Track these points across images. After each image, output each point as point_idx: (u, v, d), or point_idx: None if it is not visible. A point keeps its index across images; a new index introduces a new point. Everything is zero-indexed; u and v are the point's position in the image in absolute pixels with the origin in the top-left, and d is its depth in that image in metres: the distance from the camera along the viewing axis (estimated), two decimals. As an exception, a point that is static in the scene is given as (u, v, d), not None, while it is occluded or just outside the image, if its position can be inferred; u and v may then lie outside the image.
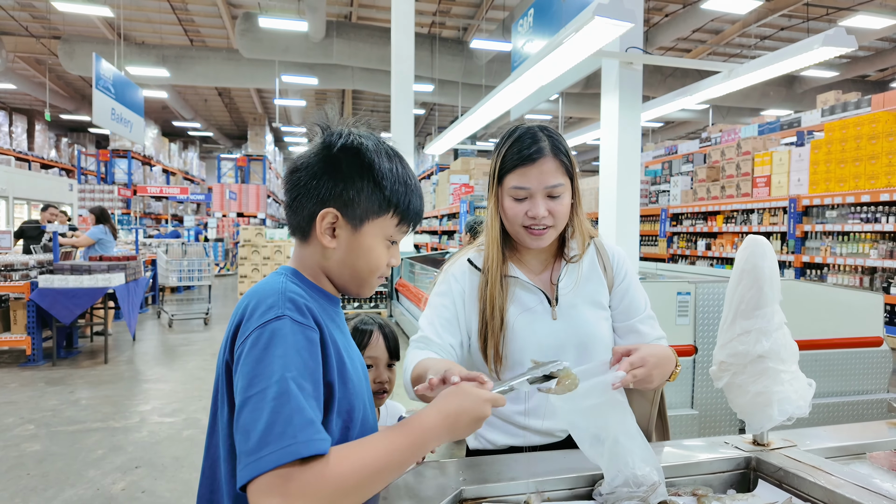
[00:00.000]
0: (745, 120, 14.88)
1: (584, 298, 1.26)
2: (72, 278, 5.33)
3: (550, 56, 3.97)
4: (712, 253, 6.93)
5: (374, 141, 0.89)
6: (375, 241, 0.89)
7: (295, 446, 0.67)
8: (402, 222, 0.91)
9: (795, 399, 1.11)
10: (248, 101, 18.98)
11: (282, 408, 0.69)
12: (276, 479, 0.66)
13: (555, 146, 1.19)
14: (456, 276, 1.30)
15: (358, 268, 0.90)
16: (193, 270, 8.23)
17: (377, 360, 1.41)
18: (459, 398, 0.83)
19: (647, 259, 7.82)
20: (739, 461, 1.14)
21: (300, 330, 0.77)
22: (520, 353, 1.22)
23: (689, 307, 3.31)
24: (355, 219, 0.87)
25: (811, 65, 4.25)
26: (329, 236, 0.87)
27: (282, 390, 0.70)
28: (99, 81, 7.54)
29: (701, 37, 12.79)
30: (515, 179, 1.19)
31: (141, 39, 13.26)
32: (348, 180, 0.86)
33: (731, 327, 1.17)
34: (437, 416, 0.81)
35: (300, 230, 0.90)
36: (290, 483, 0.66)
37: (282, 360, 0.73)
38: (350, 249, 0.88)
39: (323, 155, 0.87)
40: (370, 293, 0.95)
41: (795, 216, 5.56)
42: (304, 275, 0.90)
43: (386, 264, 0.92)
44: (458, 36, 12.97)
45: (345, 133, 0.88)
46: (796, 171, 5.67)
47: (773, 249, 1.19)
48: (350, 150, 0.87)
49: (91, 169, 16.88)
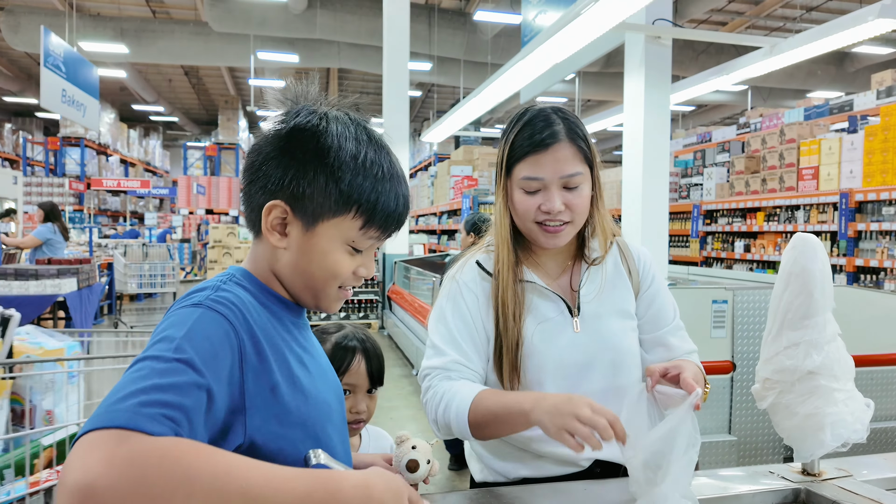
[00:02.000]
0: (788, 103, 14.89)
1: (609, 307, 1.26)
2: (16, 284, 5.33)
3: (566, 29, 3.98)
4: (752, 255, 6.94)
5: (344, 123, 0.85)
6: (332, 244, 0.84)
7: (136, 417, 0.62)
8: (368, 226, 0.85)
9: (851, 422, 1.11)
10: (218, 81, 19.01)
11: (143, 380, 0.66)
12: (109, 438, 0.61)
13: (571, 130, 1.19)
14: (468, 283, 1.28)
15: (311, 275, 0.86)
16: (156, 276, 8.24)
17: (356, 387, 1.37)
18: (385, 481, 0.74)
19: (676, 262, 7.82)
20: (787, 493, 1.13)
21: (214, 319, 0.75)
22: (538, 370, 1.21)
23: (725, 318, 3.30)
24: (307, 216, 0.83)
25: (865, 39, 4.27)
26: (278, 234, 0.84)
27: (155, 367, 0.67)
28: (48, 59, 7.55)
29: (738, 7, 12.82)
30: (527, 169, 1.18)
31: (96, 11, 13.27)
32: (300, 169, 0.82)
33: (777, 339, 1.17)
34: (355, 482, 0.71)
35: (251, 223, 0.87)
36: (122, 446, 0.60)
37: (173, 341, 0.70)
38: (302, 252, 0.84)
39: (276, 135, 0.84)
40: (332, 307, 0.90)
41: (847, 213, 5.56)
42: (255, 276, 0.87)
43: (351, 273, 0.87)
44: (459, 7, 12.99)
45: (306, 111, 0.85)
46: (848, 162, 5.67)
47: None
48: (304, 131, 0.83)
49: (38, 159, 16.91)
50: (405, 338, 6.54)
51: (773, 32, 13.91)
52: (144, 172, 19.94)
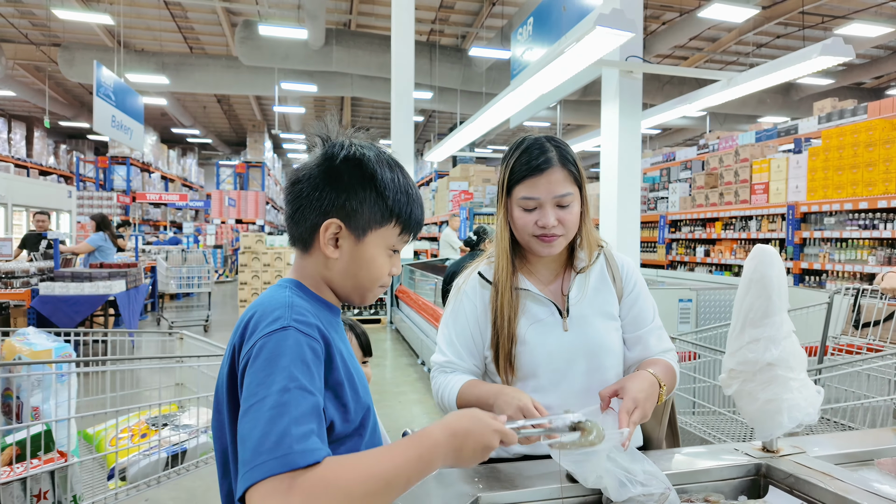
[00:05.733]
0: (742, 127, 14.97)
1: (595, 309, 1.27)
2: (73, 285, 5.33)
3: (551, 65, 4.01)
4: (711, 259, 6.96)
5: (376, 151, 0.90)
6: (378, 250, 0.90)
7: (291, 456, 0.67)
8: (403, 231, 0.92)
9: (805, 406, 1.13)
10: (247, 108, 19.02)
11: (279, 418, 0.69)
12: (278, 488, 0.65)
13: (563, 156, 1.21)
14: (468, 293, 1.31)
15: (360, 278, 0.90)
16: (193, 277, 8.22)
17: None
18: (469, 421, 0.83)
19: (646, 265, 7.84)
20: (750, 468, 1.15)
21: (305, 341, 0.77)
22: (531, 364, 1.23)
23: (690, 314, 3.33)
24: (358, 229, 0.88)
25: (809, 73, 4.30)
26: (332, 247, 0.88)
27: (281, 400, 0.70)
28: (100, 89, 7.56)
29: (698, 44, 12.89)
30: (525, 190, 1.20)
31: (140, 47, 13.29)
32: (351, 191, 0.87)
33: (741, 336, 1.18)
34: (445, 433, 0.81)
35: (302, 241, 0.90)
36: (293, 491, 0.65)
37: (284, 370, 0.73)
38: (353, 259, 0.89)
39: (325, 166, 0.88)
40: (372, 301, 0.96)
41: (794, 223, 5.59)
42: (306, 286, 0.90)
43: (388, 273, 0.93)
44: (456, 44, 13.04)
45: (346, 144, 0.89)
46: (794, 178, 5.71)
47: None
48: (352, 160, 0.87)
49: (90, 176, 16.87)
50: (411, 332, 6.54)
51: (727, 66, 13.98)
52: (182, 187, 19.90)
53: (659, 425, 1.31)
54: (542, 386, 1.23)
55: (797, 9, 10.18)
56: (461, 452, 0.81)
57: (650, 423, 1.32)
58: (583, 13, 4.50)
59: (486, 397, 1.14)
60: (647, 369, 1.17)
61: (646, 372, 1.16)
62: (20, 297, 5.31)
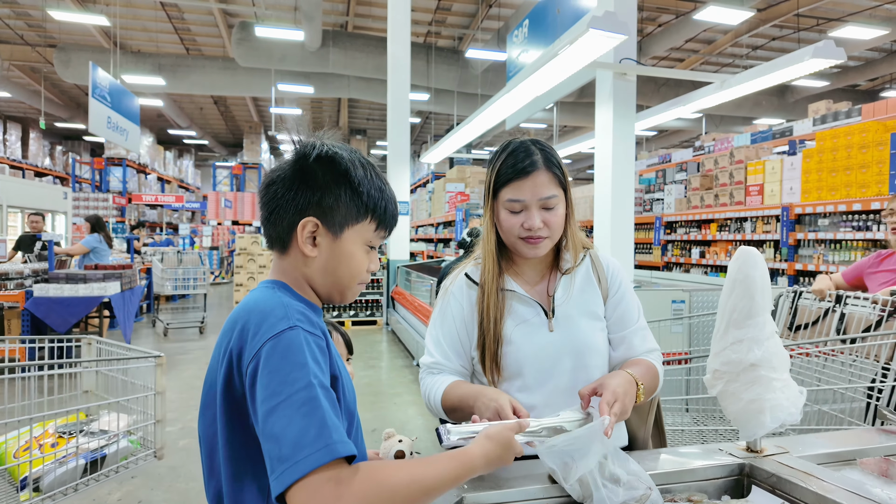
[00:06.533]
0: (737, 129, 15.02)
1: (580, 310, 1.27)
2: (67, 287, 5.32)
3: (546, 67, 4.01)
4: (706, 261, 6.98)
5: (348, 150, 0.92)
6: (355, 247, 0.91)
7: (333, 446, 0.69)
8: (379, 227, 0.93)
9: (787, 406, 1.13)
10: (243, 109, 19.01)
11: (314, 412, 0.71)
12: (327, 483, 0.67)
13: (548, 159, 1.22)
14: (455, 294, 1.32)
15: (340, 274, 0.91)
16: (189, 279, 8.21)
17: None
18: (503, 450, 0.91)
19: (641, 267, 7.86)
20: (733, 468, 1.15)
21: (313, 340, 0.79)
22: (517, 364, 1.24)
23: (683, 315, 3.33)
24: (335, 226, 0.89)
25: (802, 75, 4.32)
26: (310, 245, 0.89)
27: (310, 395, 0.72)
28: (95, 90, 7.55)
29: (693, 46, 12.93)
30: (510, 192, 1.21)
31: (137, 48, 13.28)
32: (326, 189, 0.88)
33: (725, 336, 1.19)
34: (482, 459, 0.87)
35: (280, 242, 0.91)
36: (343, 485, 0.67)
37: (304, 367, 0.74)
38: (331, 256, 0.90)
39: (299, 166, 0.89)
40: (352, 300, 0.97)
41: (788, 224, 5.61)
42: (289, 286, 0.91)
43: (366, 269, 0.94)
44: (453, 45, 13.06)
45: (318, 144, 0.90)
46: (789, 180, 5.73)
47: (765, 259, 1.22)
48: (325, 159, 0.89)
49: (86, 177, 16.83)
50: (406, 333, 6.54)
51: (723, 68, 14.03)
52: (178, 188, 19.87)
53: (644, 424, 1.32)
54: (528, 385, 1.23)
55: (792, 11, 10.23)
56: (486, 470, 0.88)
57: (635, 423, 1.32)
58: (577, 15, 4.52)
59: (467, 398, 1.15)
60: (626, 370, 1.18)
61: (623, 371, 1.17)
62: (14, 299, 5.30)
